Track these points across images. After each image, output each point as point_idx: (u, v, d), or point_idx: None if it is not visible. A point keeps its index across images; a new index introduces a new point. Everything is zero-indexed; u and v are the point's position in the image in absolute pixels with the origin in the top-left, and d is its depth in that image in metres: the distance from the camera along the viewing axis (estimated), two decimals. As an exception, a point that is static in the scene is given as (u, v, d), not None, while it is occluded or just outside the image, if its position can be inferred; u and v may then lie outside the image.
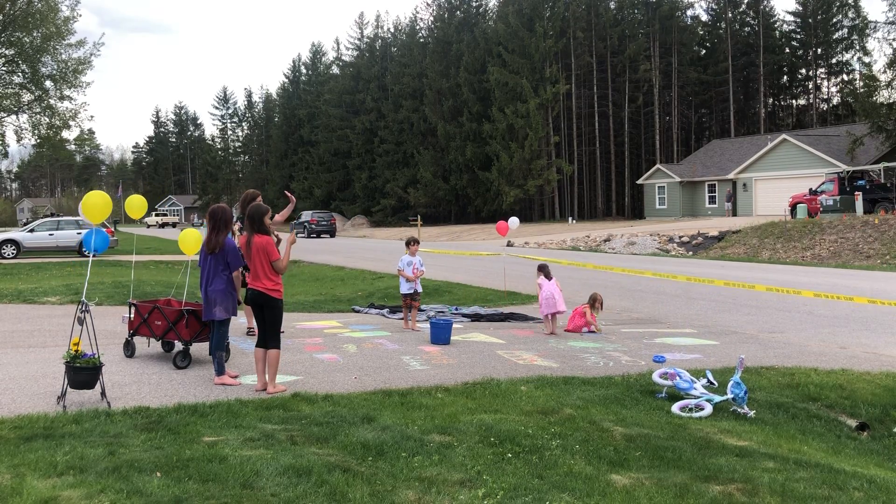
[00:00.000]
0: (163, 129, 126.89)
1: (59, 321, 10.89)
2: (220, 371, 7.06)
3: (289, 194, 7.72)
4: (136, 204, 8.97)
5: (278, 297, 6.77)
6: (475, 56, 62.66)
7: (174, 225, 53.61)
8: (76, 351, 6.02)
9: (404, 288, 10.61)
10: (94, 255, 7.63)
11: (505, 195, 56.65)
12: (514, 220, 15.99)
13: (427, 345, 9.30)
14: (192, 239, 8.67)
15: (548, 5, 59.98)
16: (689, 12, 66.23)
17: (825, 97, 65.96)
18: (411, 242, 10.89)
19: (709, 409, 6.26)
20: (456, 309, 12.69)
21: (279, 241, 7.69)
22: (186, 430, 5.28)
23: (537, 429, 5.47)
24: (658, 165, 53.12)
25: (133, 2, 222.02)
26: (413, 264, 10.57)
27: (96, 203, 7.05)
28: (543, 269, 10.58)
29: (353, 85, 76.71)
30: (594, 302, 10.60)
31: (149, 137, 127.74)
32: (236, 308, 7.36)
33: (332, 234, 50.72)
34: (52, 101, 33.96)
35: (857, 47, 60.70)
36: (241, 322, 9.95)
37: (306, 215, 51.52)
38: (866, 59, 59.25)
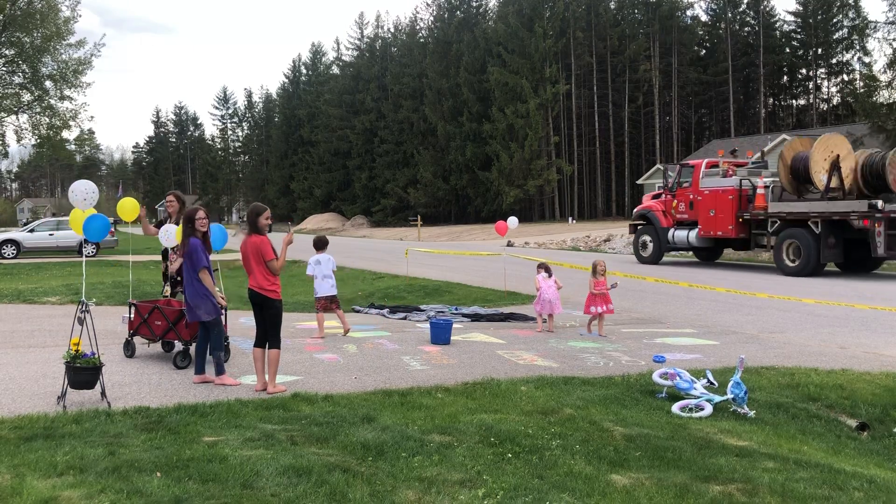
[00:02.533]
0: (163, 129, 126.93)
1: (59, 321, 10.89)
2: (220, 371, 7.05)
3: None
4: (128, 207, 8.70)
5: (275, 297, 6.73)
6: (475, 56, 62.71)
7: None
8: (76, 351, 6.02)
9: None
10: (92, 250, 7.65)
11: (505, 195, 56.68)
12: (512, 220, 16.16)
13: (427, 345, 9.30)
14: (129, 207, 8.51)
15: (548, 5, 60.02)
16: (689, 12, 66.32)
17: (825, 97, 65.97)
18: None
19: (709, 409, 6.26)
20: (456, 309, 12.68)
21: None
22: (186, 430, 5.28)
23: (537, 429, 5.47)
24: (658, 165, 53.09)
25: (135, 2, 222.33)
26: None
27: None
28: (544, 267, 10.66)
29: (353, 85, 76.78)
30: (595, 268, 10.21)
31: (149, 137, 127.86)
32: (216, 308, 7.15)
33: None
34: (52, 102, 33.96)
35: (857, 47, 60.68)
36: (242, 322, 9.95)
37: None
38: (866, 59, 59.28)
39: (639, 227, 23.14)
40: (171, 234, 8.20)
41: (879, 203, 16.94)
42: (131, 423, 5.47)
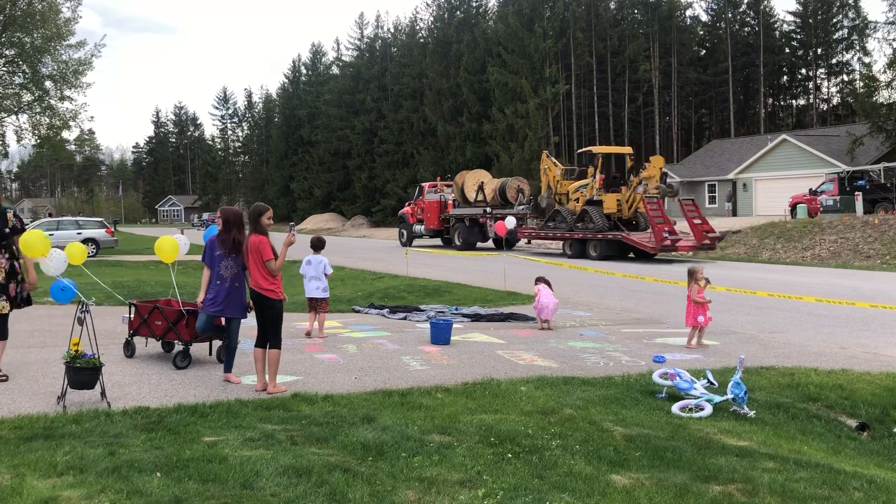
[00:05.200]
0: (163, 130, 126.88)
1: (59, 321, 10.88)
2: (220, 358, 7.15)
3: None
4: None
5: (274, 297, 6.71)
6: (475, 56, 62.63)
7: None
8: (76, 351, 6.02)
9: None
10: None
11: (505, 195, 56.61)
12: (510, 220, 16.41)
13: (427, 345, 9.30)
14: (168, 247, 8.45)
15: (548, 5, 59.94)
16: (688, 12, 66.23)
17: (825, 97, 65.92)
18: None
19: (709, 409, 6.26)
20: (456, 309, 12.68)
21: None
22: (186, 430, 5.28)
23: (537, 429, 5.47)
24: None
25: (136, 2, 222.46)
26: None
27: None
28: (543, 280, 10.86)
29: (353, 85, 76.68)
30: (694, 275, 9.38)
31: (149, 137, 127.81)
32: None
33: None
34: (52, 102, 34.01)
35: (857, 47, 60.63)
36: (242, 322, 9.90)
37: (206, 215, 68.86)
38: (866, 60, 59.22)
39: (400, 223, 36.69)
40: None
41: (488, 209, 30.31)
42: (131, 423, 5.47)
